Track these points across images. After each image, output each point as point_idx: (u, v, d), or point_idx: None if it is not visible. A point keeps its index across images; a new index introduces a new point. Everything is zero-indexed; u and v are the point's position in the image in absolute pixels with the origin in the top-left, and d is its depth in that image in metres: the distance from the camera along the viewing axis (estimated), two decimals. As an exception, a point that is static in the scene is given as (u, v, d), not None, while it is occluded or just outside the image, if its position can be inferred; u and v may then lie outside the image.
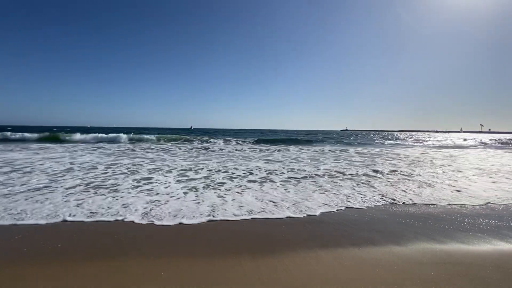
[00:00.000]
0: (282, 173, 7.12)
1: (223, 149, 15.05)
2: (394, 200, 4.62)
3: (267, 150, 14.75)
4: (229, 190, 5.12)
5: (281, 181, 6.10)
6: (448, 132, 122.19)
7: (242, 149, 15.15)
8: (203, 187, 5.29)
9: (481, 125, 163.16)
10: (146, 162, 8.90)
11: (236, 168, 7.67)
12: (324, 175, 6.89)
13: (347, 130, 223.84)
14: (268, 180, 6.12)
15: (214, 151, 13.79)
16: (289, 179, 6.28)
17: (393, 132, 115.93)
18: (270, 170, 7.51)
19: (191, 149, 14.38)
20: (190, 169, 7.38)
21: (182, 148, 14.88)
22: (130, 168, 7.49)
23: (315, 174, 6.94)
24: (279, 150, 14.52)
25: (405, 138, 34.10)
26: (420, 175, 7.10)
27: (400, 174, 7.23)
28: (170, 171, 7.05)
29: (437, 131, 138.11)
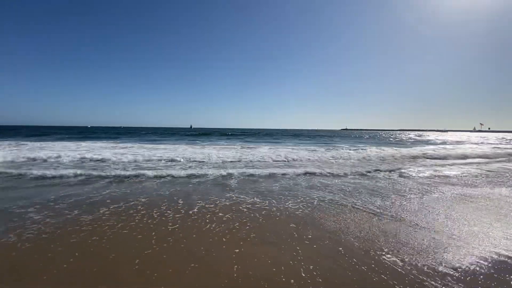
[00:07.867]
0: None
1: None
2: None
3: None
4: None
5: None
6: (447, 131, 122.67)
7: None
8: None
9: (481, 124, 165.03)
10: None
11: None
12: None
13: (347, 129, 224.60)
14: None
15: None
16: None
17: (395, 132, 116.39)
18: None
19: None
20: None
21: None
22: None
23: None
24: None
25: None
26: None
27: None
28: None
29: (437, 130, 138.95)
